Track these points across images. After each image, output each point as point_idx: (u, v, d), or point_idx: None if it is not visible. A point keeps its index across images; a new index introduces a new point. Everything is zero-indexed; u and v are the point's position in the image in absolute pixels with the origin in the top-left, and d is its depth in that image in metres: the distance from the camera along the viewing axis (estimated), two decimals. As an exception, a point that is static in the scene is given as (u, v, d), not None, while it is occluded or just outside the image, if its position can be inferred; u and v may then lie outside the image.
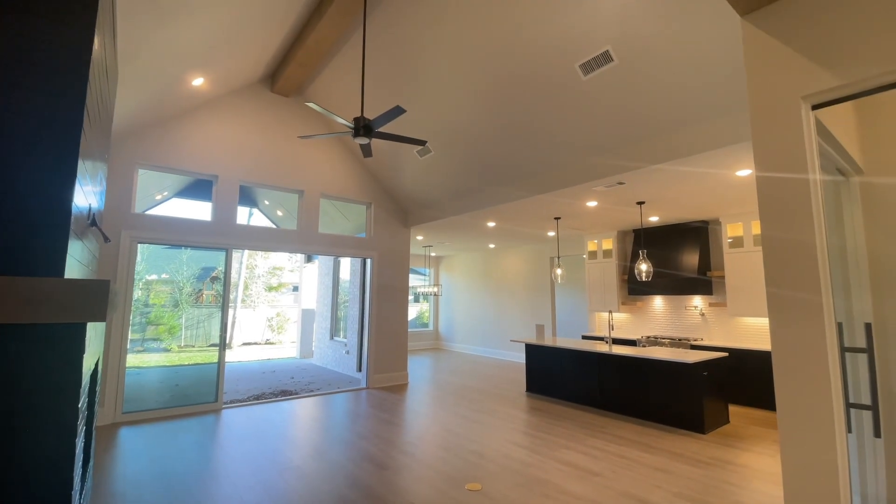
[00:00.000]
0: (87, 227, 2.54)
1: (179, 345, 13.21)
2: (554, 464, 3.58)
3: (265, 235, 5.83)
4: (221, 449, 3.90)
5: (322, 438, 4.23)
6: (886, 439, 2.18)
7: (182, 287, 14.92)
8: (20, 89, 1.57)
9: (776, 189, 1.70)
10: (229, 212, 5.52)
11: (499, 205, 5.44)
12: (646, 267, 5.24)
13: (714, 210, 5.75)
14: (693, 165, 3.89)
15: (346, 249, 6.52)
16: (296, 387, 6.81)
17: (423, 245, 9.95)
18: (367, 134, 3.40)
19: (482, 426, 4.62)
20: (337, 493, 3.00)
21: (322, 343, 9.15)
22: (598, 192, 4.74)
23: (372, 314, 6.66)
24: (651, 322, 7.21)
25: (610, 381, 5.29)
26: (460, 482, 3.20)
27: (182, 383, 7.49)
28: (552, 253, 9.07)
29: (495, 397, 6.01)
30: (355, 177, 6.63)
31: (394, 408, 5.40)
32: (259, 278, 15.26)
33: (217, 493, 2.98)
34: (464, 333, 11.26)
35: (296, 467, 3.46)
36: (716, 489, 3.12)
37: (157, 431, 4.39)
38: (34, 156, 1.60)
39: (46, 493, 1.53)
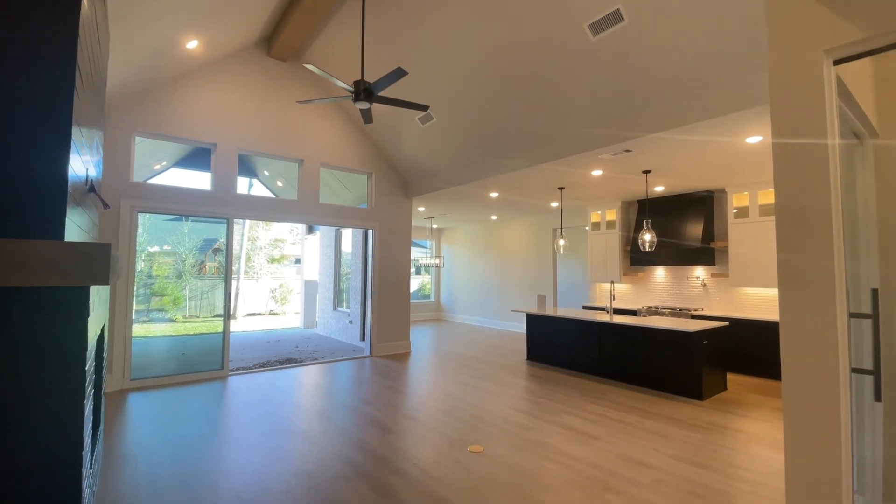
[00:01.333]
0: (86, 193, 2.50)
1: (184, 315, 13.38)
2: (554, 428, 3.66)
3: (266, 205, 5.78)
4: (229, 413, 4.00)
5: (327, 404, 4.32)
6: (885, 404, 2.20)
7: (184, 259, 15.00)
8: (9, 49, 1.50)
9: (793, 152, 1.65)
10: (229, 181, 5.45)
11: (502, 174, 5.36)
12: (650, 237, 5.21)
13: (720, 179, 5.66)
14: (702, 132, 3.79)
15: (348, 220, 6.48)
16: (300, 355, 6.92)
17: (424, 217, 9.89)
18: (367, 98, 3.30)
19: (483, 392, 4.71)
20: (343, 455, 3.09)
21: (325, 313, 9.25)
22: (603, 160, 4.65)
23: (374, 285, 6.69)
24: (652, 293, 7.24)
25: (610, 349, 5.35)
26: (462, 444, 3.28)
27: (188, 352, 7.61)
28: (554, 224, 9.01)
29: (496, 365, 6.10)
30: (356, 146, 6.51)
31: (397, 375, 5.50)
32: (261, 250, 15.29)
33: (226, 456, 3.07)
34: (465, 304, 11.35)
35: (302, 431, 3.55)
36: (712, 452, 3.20)
37: (165, 397, 4.49)
38: (27, 118, 1.55)
39: (58, 453, 1.56)
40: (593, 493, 2.57)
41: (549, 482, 2.70)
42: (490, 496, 2.52)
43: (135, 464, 2.91)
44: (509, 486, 2.65)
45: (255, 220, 5.76)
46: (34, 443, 1.52)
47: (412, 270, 13.33)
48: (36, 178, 1.57)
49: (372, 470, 2.84)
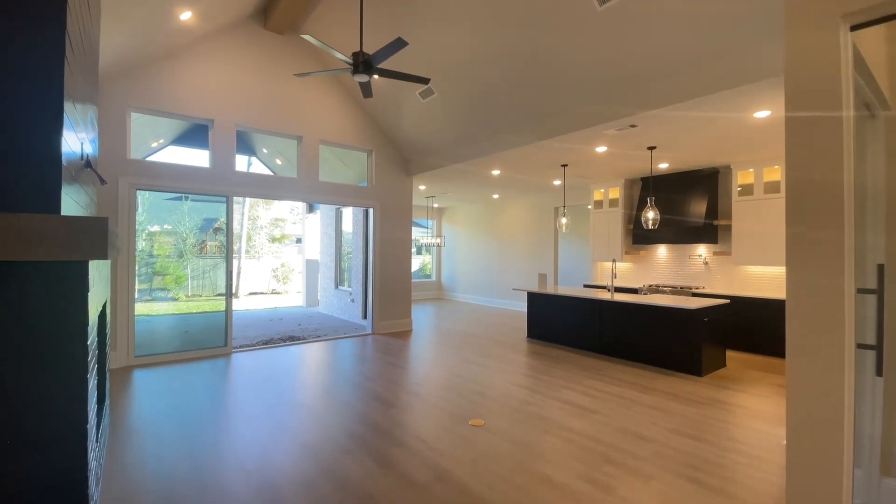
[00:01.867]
0: (82, 168, 2.46)
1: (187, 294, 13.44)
2: (554, 402, 3.71)
3: (265, 183, 5.73)
4: (233, 389, 4.05)
5: (330, 379, 4.37)
6: (885, 379, 2.21)
7: (185, 238, 14.97)
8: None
9: (807, 124, 1.60)
10: (227, 158, 5.38)
11: (505, 151, 5.28)
12: (653, 214, 5.16)
13: (726, 156, 5.57)
14: (709, 107, 3.70)
15: (348, 198, 6.43)
16: (303, 333, 6.98)
17: (425, 196, 9.82)
18: (366, 70, 3.22)
19: (484, 369, 4.76)
20: (347, 428, 3.13)
21: (327, 292, 9.29)
22: (609, 136, 4.57)
23: (375, 263, 6.69)
24: (654, 271, 7.23)
25: (610, 327, 5.38)
26: (464, 419, 3.33)
27: (192, 329, 7.68)
28: (556, 203, 8.94)
29: (497, 343, 6.15)
30: (355, 122, 6.40)
31: (399, 352, 5.55)
32: (262, 229, 15.26)
33: (232, 429, 3.12)
34: (466, 284, 11.39)
35: (306, 405, 3.60)
36: (710, 426, 3.24)
37: (169, 373, 4.54)
38: (15, 88, 1.50)
39: (63, 426, 1.58)
40: (593, 465, 2.61)
41: (549, 455, 2.74)
42: (491, 468, 2.56)
43: (141, 437, 2.96)
44: (510, 458, 2.69)
45: (255, 198, 5.71)
46: (40, 416, 1.54)
47: (413, 250, 13.35)
48: (28, 151, 1.54)
49: (375, 442, 2.89)
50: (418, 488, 2.33)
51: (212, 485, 2.35)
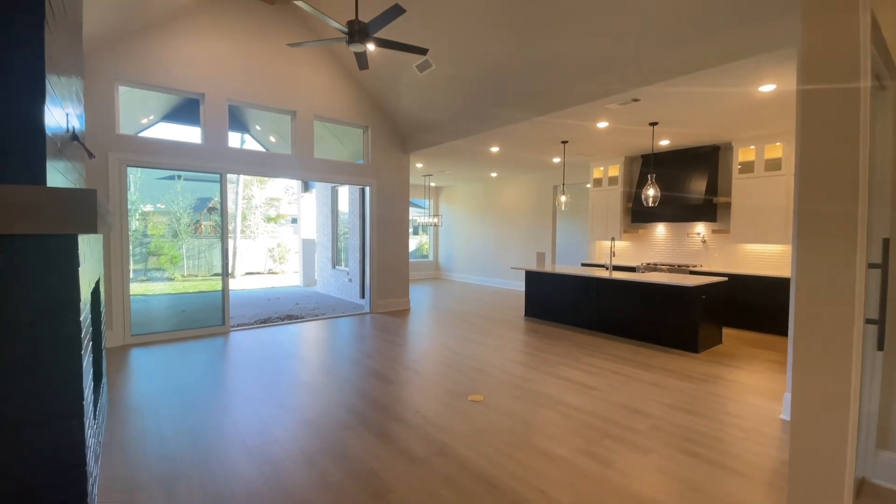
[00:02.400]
0: (68, 141, 2.38)
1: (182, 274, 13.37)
2: (552, 379, 3.73)
3: (259, 160, 5.61)
4: (232, 367, 4.05)
5: (329, 357, 4.38)
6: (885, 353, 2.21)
7: (179, 218, 14.80)
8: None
9: (823, 95, 1.53)
10: (220, 133, 5.25)
11: (504, 127, 5.17)
12: (653, 192, 5.11)
13: (728, 133, 5.49)
14: (714, 82, 3.61)
15: (344, 176, 6.32)
16: (301, 312, 6.97)
17: (422, 174, 9.69)
18: (362, 40, 3.10)
19: (483, 346, 4.78)
20: (346, 404, 3.14)
21: (324, 272, 9.25)
22: (610, 110, 4.47)
23: (372, 242, 6.64)
24: (652, 250, 7.22)
25: (608, 305, 5.39)
26: (463, 395, 3.34)
27: (188, 309, 7.65)
28: (555, 182, 8.86)
29: (495, 321, 6.17)
30: (351, 97, 6.25)
31: (397, 330, 5.56)
32: (257, 209, 15.11)
33: (231, 406, 3.12)
34: (464, 263, 11.37)
35: (305, 382, 3.61)
36: (706, 401, 3.28)
37: (167, 352, 4.53)
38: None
39: (59, 403, 1.55)
40: (592, 439, 2.64)
41: (548, 429, 2.76)
42: (491, 442, 2.58)
43: (140, 415, 2.96)
44: (509, 432, 2.71)
45: (248, 175, 5.61)
46: (34, 393, 1.51)
47: (410, 230, 13.28)
48: (9, 121, 1.47)
49: (375, 418, 2.90)
50: (418, 462, 2.34)
51: (212, 461, 2.36)
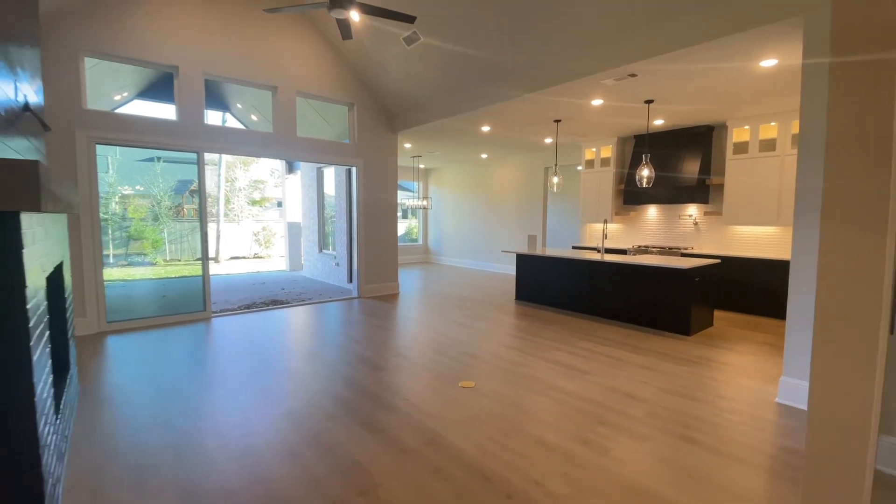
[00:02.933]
0: (20, 112, 2.15)
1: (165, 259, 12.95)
2: (544, 363, 3.65)
3: (239, 138, 5.34)
4: (213, 354, 3.89)
5: (315, 343, 4.24)
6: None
7: (160, 200, 14.24)
8: None
9: (856, 67, 1.39)
10: (196, 109, 4.96)
11: (496, 104, 4.98)
12: (647, 172, 5.00)
13: (723, 112, 5.38)
14: (713, 56, 3.46)
15: (329, 156, 6.08)
16: (287, 297, 6.79)
17: (411, 155, 9.45)
18: (344, 5, 2.87)
19: (473, 331, 4.68)
20: (333, 392, 3.02)
21: (311, 256, 9.04)
22: (606, 86, 4.31)
23: (360, 226, 6.45)
24: (643, 232, 7.16)
25: (600, 288, 5.32)
26: (454, 380, 3.24)
27: (170, 294, 7.41)
28: (546, 163, 8.70)
29: (486, 305, 6.08)
30: (335, 73, 5.96)
31: (386, 315, 5.43)
32: (240, 191, 14.70)
33: (210, 396, 2.97)
34: (454, 247, 11.24)
35: (290, 370, 3.47)
36: (701, 385, 3.22)
37: (145, 339, 4.34)
38: None
39: (4, 400, 1.39)
40: (586, 425, 2.56)
41: (541, 416, 2.68)
42: (482, 429, 2.48)
43: (114, 406, 2.79)
44: (501, 418, 2.62)
45: (227, 154, 5.34)
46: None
47: (399, 214, 13.05)
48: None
49: (362, 407, 2.78)
50: (408, 453, 2.23)
51: (188, 455, 2.22)
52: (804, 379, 2.82)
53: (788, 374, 2.90)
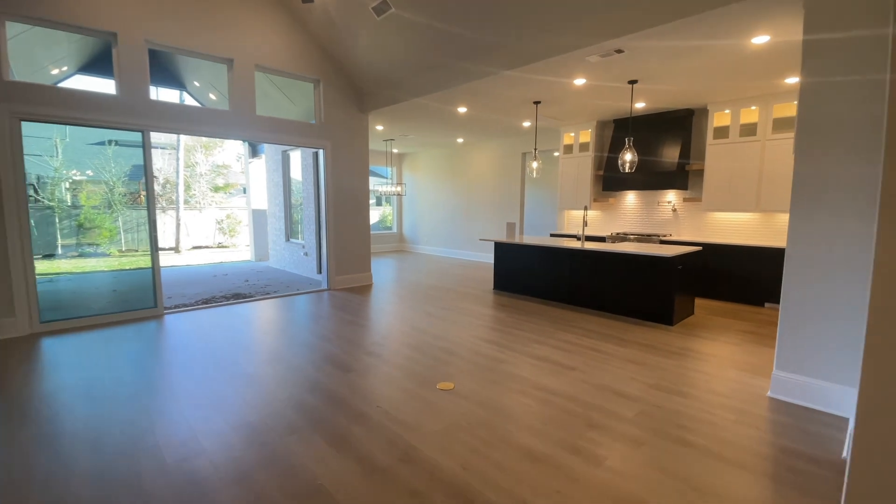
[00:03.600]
0: None
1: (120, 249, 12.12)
2: (527, 359, 3.44)
3: (189, 116, 4.82)
4: (161, 358, 3.48)
5: (279, 342, 3.88)
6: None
7: (113, 187, 13.29)
8: None
9: None
10: (139, 83, 4.43)
11: (473, 81, 4.65)
12: (631, 156, 4.81)
13: (704, 95, 5.24)
14: (703, 32, 3.25)
15: (293, 137, 5.62)
16: (250, 290, 6.35)
17: (383, 139, 9.02)
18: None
19: (451, 324, 4.42)
20: (295, 400, 2.70)
21: (278, 245, 8.55)
22: (590, 63, 4.05)
23: (329, 212, 6.04)
24: (621, 219, 7.05)
25: (581, 277, 5.15)
26: (431, 382, 2.98)
27: (120, 289, 6.83)
28: (523, 148, 8.46)
29: (464, 296, 5.83)
30: (299, 46, 5.48)
31: (358, 308, 5.10)
32: (202, 177, 13.86)
33: (153, 407, 2.60)
34: (429, 235, 10.93)
35: (248, 374, 3.12)
36: (689, 379, 3.08)
37: (86, 340, 3.88)
38: None
39: None
40: (575, 430, 2.34)
41: (527, 420, 2.45)
42: (464, 440, 2.23)
43: (37, 422, 2.39)
44: (485, 426, 2.38)
45: (178, 133, 4.83)
46: None
47: (372, 201, 12.57)
48: None
49: (329, 417, 2.48)
50: (380, 473, 1.96)
51: (116, 484, 1.87)
52: (797, 373, 2.70)
53: (781, 368, 2.77)
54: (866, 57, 2.35)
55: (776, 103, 5.08)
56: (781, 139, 5.07)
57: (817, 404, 2.62)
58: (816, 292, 2.59)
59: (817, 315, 2.60)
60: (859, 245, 2.41)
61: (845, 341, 2.51)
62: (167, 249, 12.61)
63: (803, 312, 2.65)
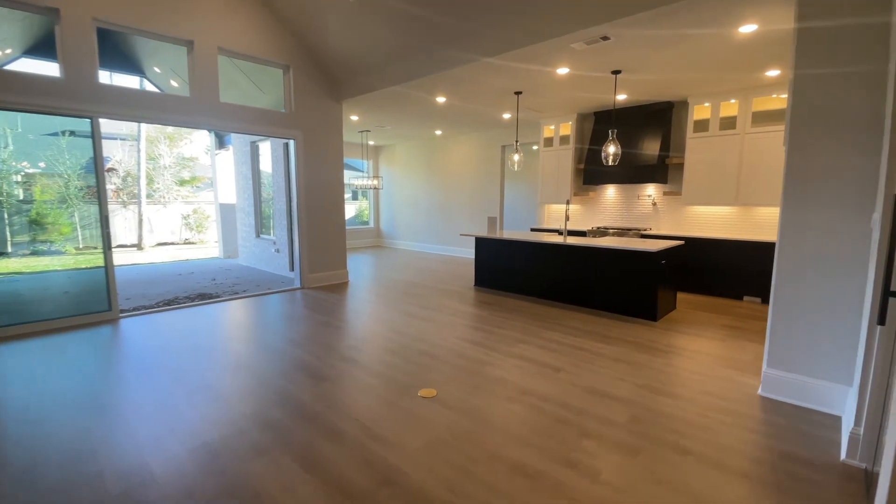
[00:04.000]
0: None
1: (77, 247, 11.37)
2: (513, 361, 3.28)
3: (144, 102, 4.43)
4: (110, 368, 3.16)
5: (245, 348, 3.60)
6: None
7: (69, 180, 12.45)
8: None
9: None
10: (86, 65, 4.02)
11: (453, 68, 4.42)
12: (614, 149, 4.70)
13: (685, 88, 5.18)
14: (690, 20, 3.14)
15: (261, 126, 5.28)
16: (217, 289, 5.98)
17: (358, 130, 8.70)
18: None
19: (432, 324, 4.23)
20: (261, 415, 2.45)
21: (248, 241, 8.14)
22: (575, 52, 3.89)
23: (301, 206, 5.73)
24: (601, 213, 6.99)
25: (564, 272, 5.04)
26: (412, 389, 2.78)
27: (73, 290, 6.34)
28: (503, 141, 8.30)
29: (444, 293, 5.64)
30: (266, 29, 5.12)
31: (333, 308, 4.85)
32: (166, 170, 13.15)
33: (98, 429, 2.31)
34: (408, 230, 10.68)
35: (209, 386, 2.84)
36: (678, 378, 2.98)
37: (28, 350, 3.50)
38: None
39: None
40: (568, 440, 2.19)
41: (516, 430, 2.28)
42: (450, 457, 2.05)
43: (-46, 452, 2.08)
44: (471, 440, 2.20)
45: (131, 121, 4.43)
46: None
47: (348, 196, 12.20)
48: None
49: (299, 434, 2.25)
50: (358, 501, 1.75)
51: (48, 527, 1.60)
52: (789, 371, 2.63)
53: (772, 365, 2.70)
54: (862, 46, 2.26)
55: (755, 97, 5.07)
56: (760, 133, 5.07)
57: (810, 402, 2.56)
58: (809, 287, 2.51)
59: (810, 311, 2.53)
60: (854, 238, 2.34)
61: (838, 338, 2.45)
62: (129, 246, 11.93)
63: (795, 308, 2.58)
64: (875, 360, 1.84)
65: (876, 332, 1.84)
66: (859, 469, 1.94)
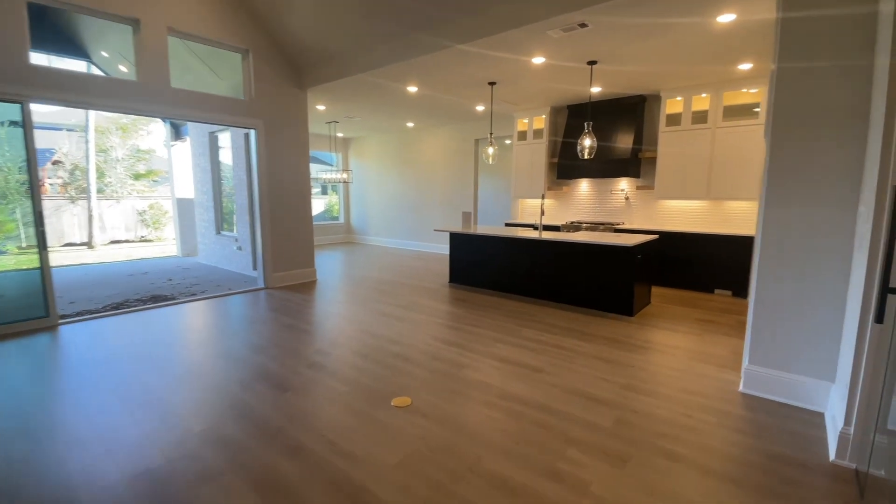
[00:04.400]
0: None
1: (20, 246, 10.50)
2: (490, 362, 3.13)
3: (86, 86, 4.00)
4: (42, 383, 2.81)
5: (200, 356, 3.30)
6: None
7: (8, 173, 11.55)
8: None
9: None
10: (15, 44, 3.58)
11: (424, 55, 4.21)
12: (590, 142, 4.62)
13: (659, 81, 5.15)
14: (671, 7, 3.05)
15: (218, 115, 4.90)
16: (173, 290, 5.57)
17: (326, 121, 8.34)
18: None
19: (405, 323, 4.03)
20: (214, 432, 2.20)
21: (207, 238, 7.68)
22: (552, 40, 3.75)
23: (264, 200, 5.39)
24: (574, 207, 6.95)
25: (540, 268, 4.94)
26: (384, 397, 2.58)
27: (8, 294, 5.77)
28: (476, 134, 8.14)
29: (418, 290, 5.45)
30: (222, 10, 4.74)
31: (299, 310, 4.57)
32: (118, 163, 12.32)
33: (19, 455, 2.00)
34: (379, 225, 10.39)
35: (157, 400, 2.55)
36: (659, 376, 2.91)
37: (-57, 365, 3.09)
38: None
39: None
40: (553, 448, 2.06)
41: (498, 440, 2.13)
42: (427, 472, 1.87)
43: None
44: (449, 452, 2.03)
45: (70, 106, 3.99)
46: None
47: (317, 189, 11.77)
48: None
49: (257, 453, 2.02)
50: (322, 530, 1.55)
51: (-61, 588, 1.32)
52: (770, 367, 2.59)
53: (753, 361, 2.65)
54: (848, 38, 2.20)
55: (726, 90, 5.10)
56: (731, 127, 5.10)
57: (792, 399, 2.52)
58: (791, 283, 2.47)
59: (792, 306, 2.48)
60: (838, 233, 2.29)
61: (819, 334, 2.41)
62: (79, 245, 11.11)
63: (777, 304, 2.53)
64: (866, 359, 1.78)
65: (868, 330, 1.78)
66: (850, 470, 1.89)
